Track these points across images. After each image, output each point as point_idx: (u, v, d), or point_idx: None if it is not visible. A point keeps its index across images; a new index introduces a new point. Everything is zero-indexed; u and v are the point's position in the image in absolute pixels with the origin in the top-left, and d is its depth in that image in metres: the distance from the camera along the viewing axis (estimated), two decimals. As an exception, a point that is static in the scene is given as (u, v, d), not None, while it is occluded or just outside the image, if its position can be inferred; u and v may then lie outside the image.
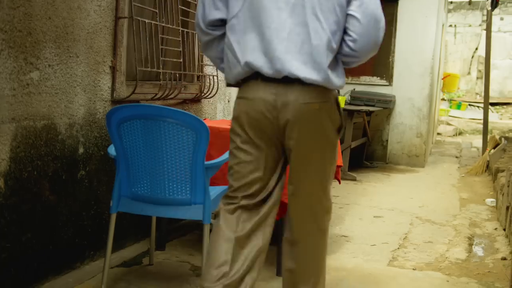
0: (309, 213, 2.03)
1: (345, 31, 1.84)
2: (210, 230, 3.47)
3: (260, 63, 1.80)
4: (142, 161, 2.37)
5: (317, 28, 1.78)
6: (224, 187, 2.66)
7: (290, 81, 1.80)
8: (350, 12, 1.81)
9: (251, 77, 1.86)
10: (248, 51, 1.82)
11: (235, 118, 1.98)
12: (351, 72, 7.14)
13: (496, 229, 4.02)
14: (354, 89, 6.83)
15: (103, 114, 2.75)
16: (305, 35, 1.79)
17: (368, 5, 1.81)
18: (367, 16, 1.81)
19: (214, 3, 1.88)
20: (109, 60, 2.78)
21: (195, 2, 3.60)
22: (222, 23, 1.91)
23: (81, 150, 2.63)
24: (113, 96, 2.82)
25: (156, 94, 3.12)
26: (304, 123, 1.85)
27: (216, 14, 1.89)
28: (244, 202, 1.96)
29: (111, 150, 2.47)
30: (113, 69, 2.81)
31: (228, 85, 2.05)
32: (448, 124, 12.27)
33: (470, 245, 3.64)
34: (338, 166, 3.37)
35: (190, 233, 3.53)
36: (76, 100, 2.56)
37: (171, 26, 3.24)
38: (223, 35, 1.92)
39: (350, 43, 1.84)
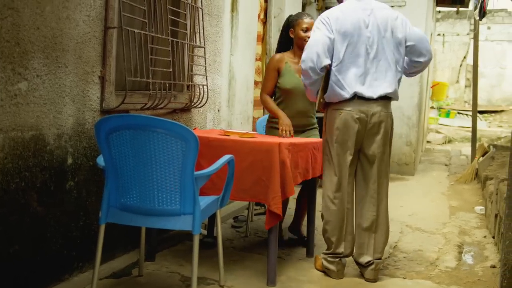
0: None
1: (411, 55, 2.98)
2: (200, 240, 3.48)
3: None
4: (131, 172, 2.36)
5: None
6: (214, 197, 2.66)
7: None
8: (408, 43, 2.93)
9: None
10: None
11: None
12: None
13: (485, 237, 4.04)
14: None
15: (92, 124, 2.73)
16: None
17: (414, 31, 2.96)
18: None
19: (325, 53, 2.81)
20: (98, 70, 2.77)
21: (185, 12, 3.61)
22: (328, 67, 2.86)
23: (69, 160, 2.61)
24: (102, 106, 2.81)
25: (146, 104, 3.11)
26: None
27: (326, 61, 2.82)
28: None
29: (100, 160, 2.46)
30: (102, 79, 2.80)
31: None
32: (438, 132, 12.36)
33: (460, 253, 3.66)
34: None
35: (181, 243, 3.52)
36: (64, 111, 2.55)
37: (160, 36, 3.24)
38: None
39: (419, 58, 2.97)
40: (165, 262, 3.13)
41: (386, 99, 2.91)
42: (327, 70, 2.89)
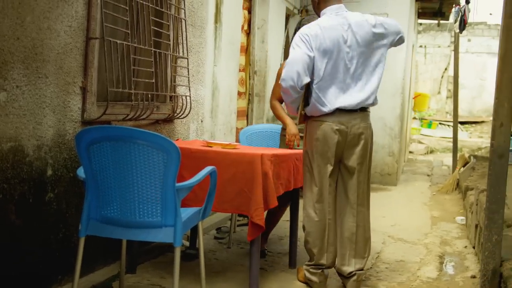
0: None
1: None
2: (182, 252, 3.45)
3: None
4: (112, 183, 2.34)
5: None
6: (196, 208, 2.65)
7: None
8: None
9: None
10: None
11: None
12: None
13: (466, 247, 4.08)
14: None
15: (73, 135, 2.71)
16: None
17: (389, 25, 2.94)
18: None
19: (305, 71, 2.79)
20: (80, 81, 2.76)
21: (168, 23, 3.61)
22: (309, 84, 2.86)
23: (49, 172, 2.58)
24: (83, 117, 2.79)
25: (128, 115, 3.09)
26: None
27: (307, 79, 2.81)
28: None
29: (80, 172, 2.43)
30: (84, 89, 2.78)
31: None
32: (420, 142, 12.49)
33: (441, 263, 3.69)
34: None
35: (162, 255, 3.49)
36: (44, 122, 2.52)
37: (143, 47, 3.24)
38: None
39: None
40: (146, 275, 3.10)
41: (365, 111, 2.95)
42: (307, 85, 2.90)
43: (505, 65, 2.54)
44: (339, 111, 2.87)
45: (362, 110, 2.92)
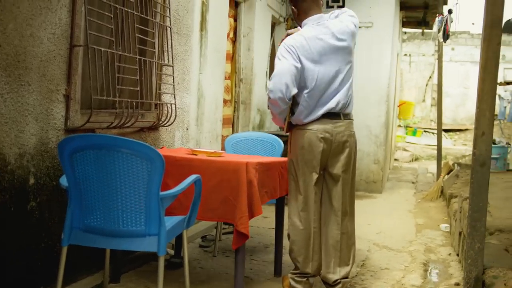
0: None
1: None
2: (167, 260, 3.43)
3: None
4: (95, 192, 2.32)
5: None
6: (181, 217, 2.64)
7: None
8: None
9: None
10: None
11: None
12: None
13: (450, 254, 4.11)
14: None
15: (56, 143, 2.68)
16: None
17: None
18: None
19: (293, 83, 2.81)
20: (63, 89, 2.73)
21: (153, 31, 3.60)
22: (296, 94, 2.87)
23: (32, 180, 2.55)
24: (66, 125, 2.77)
25: (112, 123, 3.07)
26: None
27: (295, 90, 2.83)
28: None
29: (63, 180, 2.41)
30: (67, 97, 2.76)
31: None
32: (405, 150, 12.59)
33: (425, 271, 3.70)
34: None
35: (147, 264, 3.46)
36: (27, 129, 2.49)
37: (128, 55, 3.23)
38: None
39: None
40: (130, 284, 3.07)
41: (349, 118, 2.99)
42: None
43: (486, 74, 2.58)
44: (324, 118, 2.88)
45: (346, 118, 2.95)
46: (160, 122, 3.71)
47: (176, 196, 2.47)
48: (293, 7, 2.99)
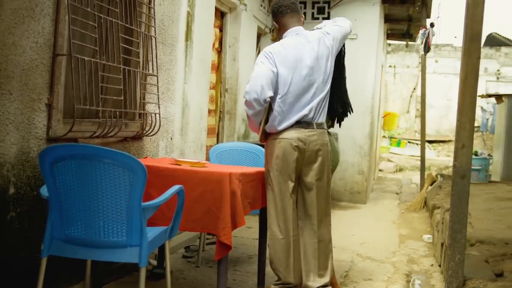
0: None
1: None
2: (150, 271, 3.40)
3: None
4: (76, 202, 2.30)
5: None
6: (163, 228, 2.62)
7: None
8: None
9: None
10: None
11: None
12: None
13: (432, 265, 4.14)
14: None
15: (37, 152, 2.66)
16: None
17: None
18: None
19: (269, 85, 2.89)
20: (45, 98, 2.71)
21: (138, 41, 3.60)
22: (271, 99, 2.94)
23: (12, 190, 2.52)
24: (48, 134, 2.74)
25: (95, 132, 3.06)
26: None
27: (270, 93, 2.90)
28: None
29: (44, 190, 2.39)
30: (50, 106, 2.74)
31: None
32: (389, 160, 12.68)
33: (408, 281, 3.72)
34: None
35: (129, 275, 3.42)
36: (7, 139, 2.46)
37: (112, 64, 3.22)
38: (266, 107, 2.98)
39: None
40: (111, 295, 3.03)
41: (323, 128, 3.05)
42: (269, 102, 3.00)
43: (466, 88, 2.62)
44: (297, 127, 2.96)
45: (319, 127, 3.01)
46: (144, 132, 3.70)
47: (158, 207, 2.46)
48: (274, 23, 3.16)
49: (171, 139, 4.27)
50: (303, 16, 3.20)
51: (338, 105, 3.27)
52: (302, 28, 3.08)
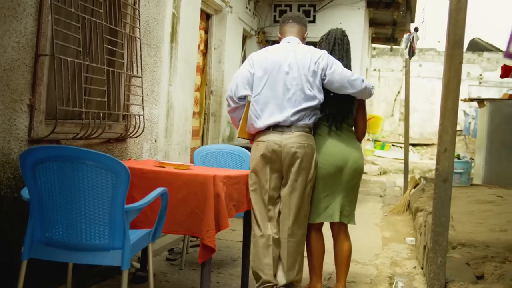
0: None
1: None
2: (133, 274, 3.37)
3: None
4: (57, 205, 2.27)
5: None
6: (146, 230, 2.61)
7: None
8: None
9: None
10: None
11: None
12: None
13: (415, 267, 4.17)
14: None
15: (19, 154, 2.62)
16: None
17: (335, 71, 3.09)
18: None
19: (244, 84, 3.08)
20: (27, 98, 2.68)
21: (122, 42, 3.58)
22: (245, 97, 3.10)
23: (-8, 192, 2.48)
24: (30, 135, 2.71)
25: (78, 134, 3.03)
26: None
27: (244, 92, 3.09)
28: None
29: (25, 193, 2.36)
30: (31, 107, 2.71)
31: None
32: (373, 163, 12.76)
33: (391, 284, 3.74)
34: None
35: (111, 278, 3.39)
36: (-12, 140, 2.43)
37: (96, 65, 3.19)
38: (244, 105, 3.13)
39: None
40: (93, 299, 3.00)
41: (302, 131, 3.04)
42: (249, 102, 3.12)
43: (449, 92, 2.65)
44: (274, 130, 3.04)
45: (297, 130, 3.02)
46: (128, 134, 3.67)
47: (141, 209, 2.44)
48: (278, 32, 3.33)
49: (155, 141, 4.24)
50: (307, 31, 3.27)
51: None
52: (296, 39, 3.17)
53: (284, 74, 3.03)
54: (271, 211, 3.07)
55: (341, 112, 3.16)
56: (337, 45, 3.22)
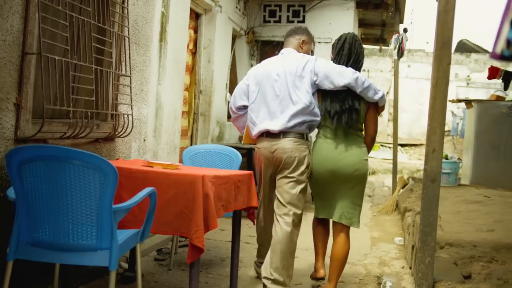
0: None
1: None
2: (121, 274, 3.35)
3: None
4: (44, 205, 2.25)
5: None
6: (134, 230, 2.59)
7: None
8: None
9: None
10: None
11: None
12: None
13: (403, 267, 4.19)
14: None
15: (5, 153, 2.59)
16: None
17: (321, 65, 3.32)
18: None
19: (241, 96, 3.46)
20: (14, 97, 2.65)
21: (110, 41, 3.55)
22: (245, 107, 3.47)
23: (-23, 192, 2.45)
24: (17, 134, 2.68)
25: (66, 133, 3.00)
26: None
27: (241, 102, 3.47)
28: None
29: (11, 192, 2.33)
30: (18, 106, 2.68)
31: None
32: (362, 163, 12.79)
33: (379, 284, 3.76)
34: (253, 208, 3.39)
35: (99, 279, 3.37)
36: (-27, 139, 2.40)
37: (83, 64, 3.16)
38: (245, 114, 3.51)
39: None
40: (80, 299, 2.98)
41: (292, 136, 3.26)
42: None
43: (437, 93, 2.66)
44: (267, 136, 3.31)
45: (286, 136, 3.25)
46: (116, 133, 3.65)
47: (129, 209, 2.42)
48: None
49: (144, 140, 4.22)
50: (307, 41, 3.50)
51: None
52: (292, 50, 3.43)
53: (273, 82, 3.27)
54: (268, 204, 3.45)
55: (346, 111, 3.19)
56: (345, 49, 3.32)
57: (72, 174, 2.20)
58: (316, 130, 3.47)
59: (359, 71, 3.30)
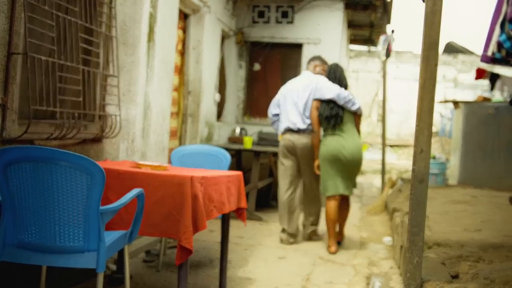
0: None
1: None
2: (109, 276, 3.32)
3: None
4: (31, 206, 2.23)
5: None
6: (122, 232, 2.57)
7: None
8: None
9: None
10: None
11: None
12: (259, 114, 7.32)
13: (392, 267, 4.21)
14: (261, 130, 6.97)
15: (-10, 154, 2.55)
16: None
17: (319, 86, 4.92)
18: None
19: (274, 107, 5.09)
20: (-1, 98, 2.62)
21: (98, 41, 3.52)
22: (278, 115, 5.08)
23: (-38, 193, 2.41)
24: (2, 135, 2.65)
25: (52, 134, 2.97)
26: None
27: (275, 111, 5.09)
28: None
29: (-4, 194, 2.29)
30: (3, 107, 2.65)
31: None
32: (351, 164, 12.81)
33: (368, 284, 3.77)
34: (243, 208, 3.38)
35: (87, 281, 3.34)
36: (-42, 140, 2.36)
37: (70, 64, 3.14)
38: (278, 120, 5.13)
39: None
40: (68, 302, 2.95)
41: (301, 132, 4.88)
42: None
43: (425, 94, 2.68)
44: (287, 131, 4.93)
45: (299, 132, 4.88)
46: (104, 134, 3.62)
47: (117, 211, 2.40)
48: None
49: (132, 141, 4.19)
50: (319, 65, 5.08)
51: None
52: (308, 73, 5.06)
53: (294, 96, 4.90)
54: (288, 178, 4.96)
55: (334, 116, 4.65)
56: (331, 74, 4.87)
57: (59, 176, 2.18)
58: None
59: (345, 87, 4.75)
